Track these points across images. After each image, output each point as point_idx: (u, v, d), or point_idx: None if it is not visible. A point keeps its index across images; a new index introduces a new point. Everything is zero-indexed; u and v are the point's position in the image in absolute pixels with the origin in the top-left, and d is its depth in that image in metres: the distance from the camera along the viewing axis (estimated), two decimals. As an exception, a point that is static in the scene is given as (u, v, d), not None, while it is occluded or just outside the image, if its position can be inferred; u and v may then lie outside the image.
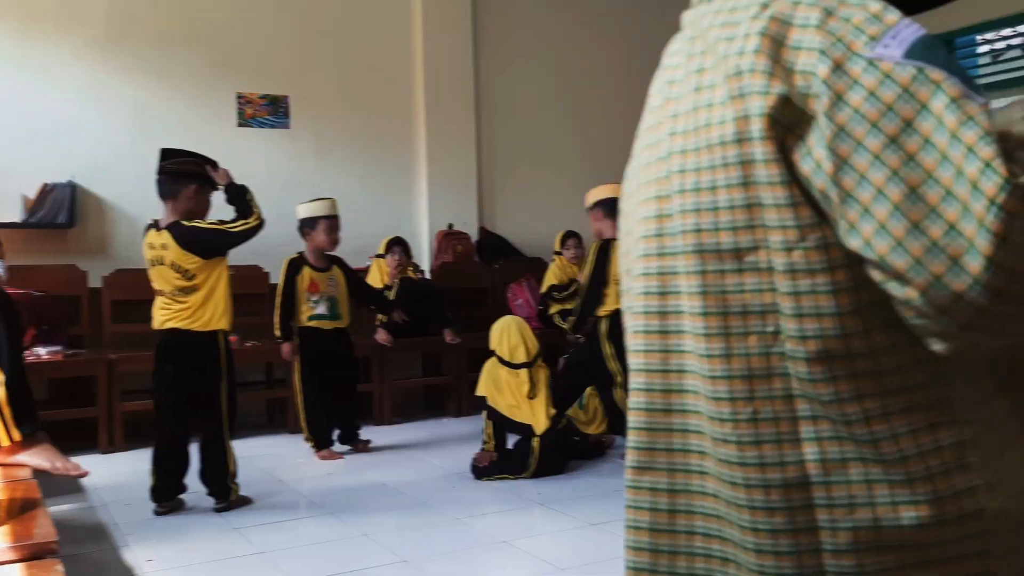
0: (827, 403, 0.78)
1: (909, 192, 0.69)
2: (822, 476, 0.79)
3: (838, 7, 0.76)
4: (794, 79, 0.75)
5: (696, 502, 0.88)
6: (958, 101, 0.69)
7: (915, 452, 0.77)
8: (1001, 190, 0.65)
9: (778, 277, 0.78)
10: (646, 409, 0.91)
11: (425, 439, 5.22)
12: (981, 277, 0.66)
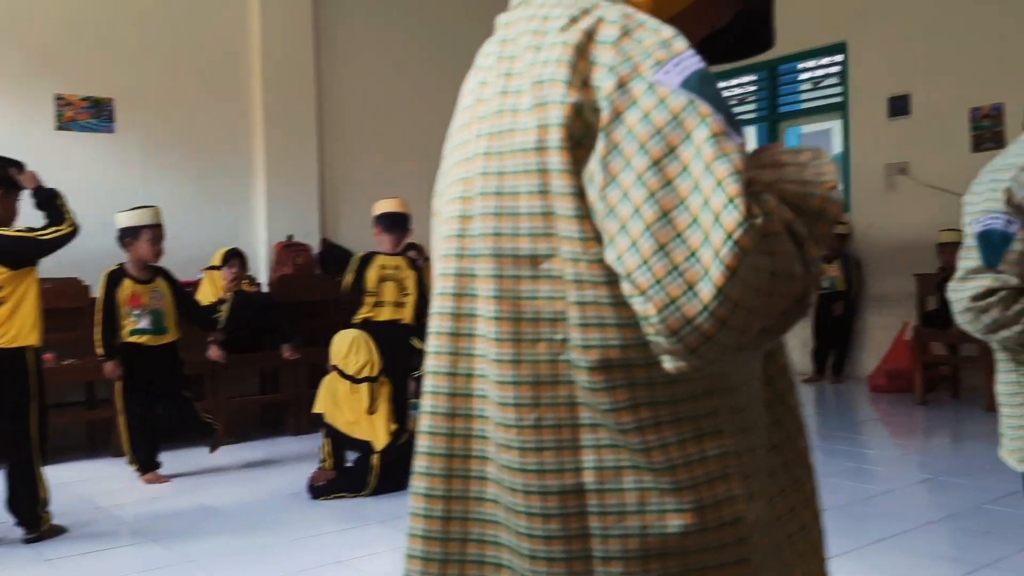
0: (606, 412, 0.80)
1: (662, 215, 0.72)
2: (597, 484, 0.81)
3: (636, 29, 0.78)
4: (588, 93, 0.77)
5: (473, 508, 0.88)
6: (718, 136, 0.72)
7: (683, 461, 0.80)
8: (739, 226, 0.69)
9: (568, 286, 0.80)
10: (430, 412, 0.90)
11: (261, 459, 5.03)
12: (710, 305, 0.70)
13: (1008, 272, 1.45)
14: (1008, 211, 1.44)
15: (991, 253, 1.46)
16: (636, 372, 0.79)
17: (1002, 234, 1.45)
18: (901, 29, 6.99)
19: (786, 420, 0.95)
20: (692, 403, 0.81)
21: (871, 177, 7.26)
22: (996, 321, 1.47)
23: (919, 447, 5.09)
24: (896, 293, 7.04)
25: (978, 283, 1.48)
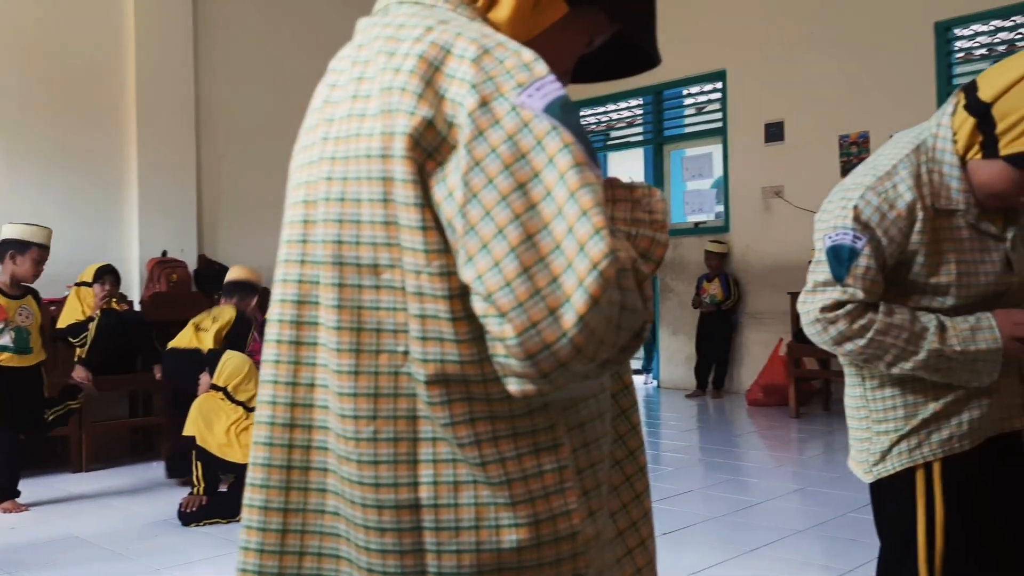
0: (444, 426, 0.80)
1: (527, 238, 0.72)
2: (433, 498, 0.80)
3: (495, 47, 0.78)
4: (444, 105, 0.76)
5: (312, 521, 0.86)
6: (581, 166, 0.73)
7: (519, 475, 0.80)
8: (605, 258, 0.70)
9: (409, 298, 0.79)
10: (268, 423, 0.87)
11: (130, 485, 4.79)
12: (570, 332, 0.70)
13: (855, 286, 1.50)
14: (856, 227, 1.49)
15: (839, 267, 1.51)
16: (473, 387, 0.79)
17: (850, 249, 1.49)
18: (775, 60, 7.31)
19: (629, 437, 0.97)
20: (530, 418, 0.81)
21: (749, 199, 7.54)
22: (842, 333, 1.52)
23: (793, 459, 5.27)
24: (772, 310, 7.32)
25: (827, 295, 1.52)
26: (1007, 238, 1.55)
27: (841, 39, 6.91)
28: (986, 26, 6.43)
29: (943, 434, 1.55)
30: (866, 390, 1.63)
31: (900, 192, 1.50)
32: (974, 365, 1.50)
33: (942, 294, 1.52)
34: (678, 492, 4.40)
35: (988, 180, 1.49)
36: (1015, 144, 1.43)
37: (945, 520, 1.54)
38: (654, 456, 5.50)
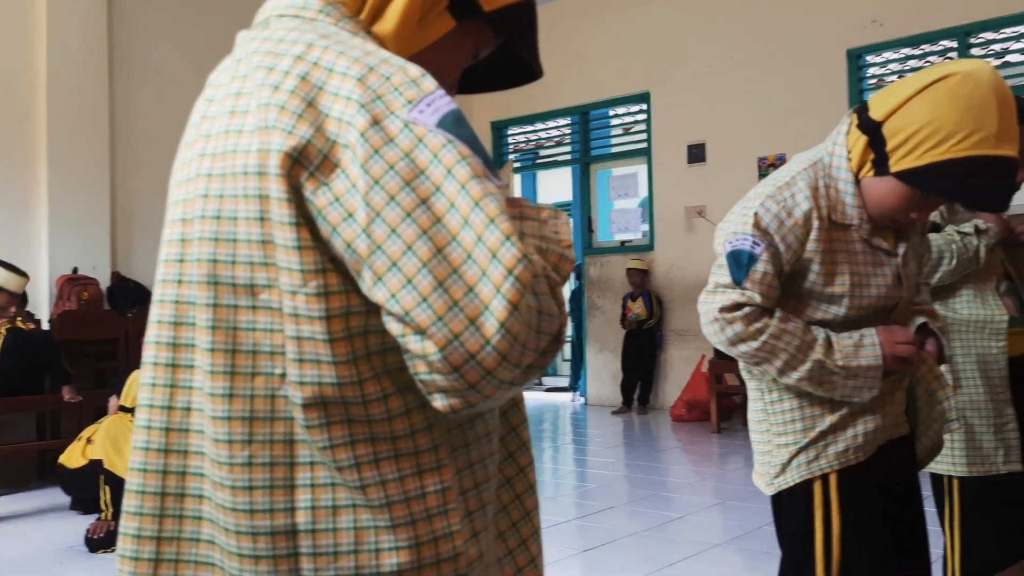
0: (322, 449, 0.78)
1: (436, 251, 0.72)
2: (310, 524, 0.79)
3: (379, 64, 0.77)
4: (326, 124, 0.75)
5: (187, 549, 0.83)
6: (480, 177, 0.74)
7: (401, 498, 0.79)
8: (519, 263, 0.71)
9: (286, 319, 0.78)
10: (143, 448, 0.84)
11: (36, 510, 4.60)
12: (493, 339, 0.71)
13: (753, 290, 1.54)
14: (755, 234, 1.54)
15: (739, 271, 1.55)
16: (353, 409, 0.78)
17: (749, 255, 1.54)
18: (697, 83, 7.48)
19: (519, 454, 0.97)
20: (412, 438, 0.80)
21: (673, 219, 7.67)
22: (738, 334, 1.55)
23: (714, 473, 5.34)
24: (695, 327, 7.40)
25: (727, 297, 1.56)
26: (898, 254, 1.60)
27: (760, 65, 7.11)
28: (896, 54, 6.69)
29: (839, 446, 1.59)
30: (767, 404, 1.66)
31: (798, 201, 1.54)
32: (855, 380, 1.54)
33: (836, 304, 1.56)
34: (601, 509, 4.41)
35: (880, 197, 1.53)
36: (904, 161, 1.47)
37: (842, 529, 1.58)
38: (579, 473, 5.52)
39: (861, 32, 6.67)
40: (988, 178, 1.44)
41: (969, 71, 1.44)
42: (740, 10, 7.26)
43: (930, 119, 1.43)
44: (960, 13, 6.23)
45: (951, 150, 1.42)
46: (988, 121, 1.40)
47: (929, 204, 1.54)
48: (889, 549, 1.61)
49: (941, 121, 1.42)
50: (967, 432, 2.18)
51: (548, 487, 5.16)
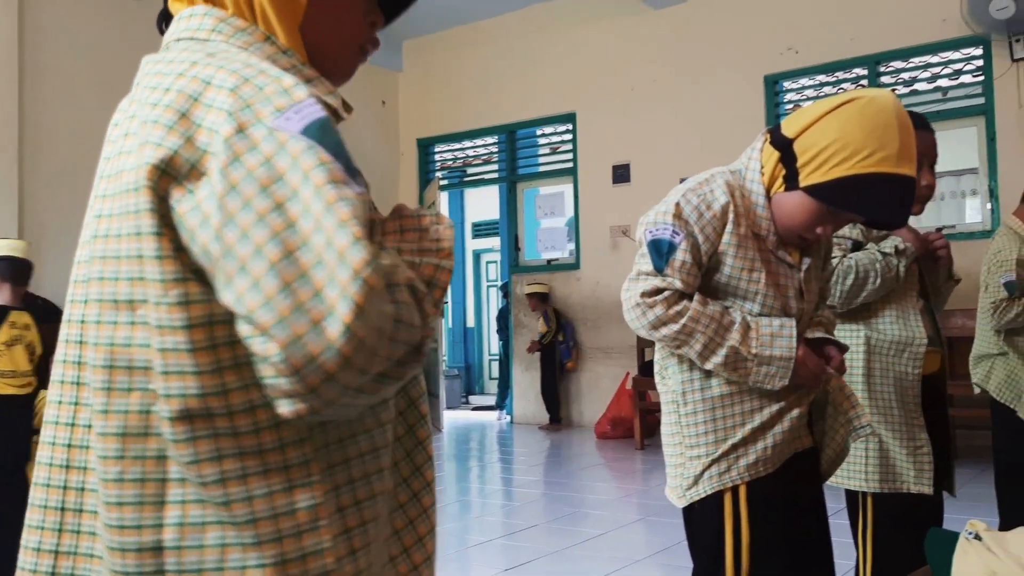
0: (188, 464, 0.78)
1: (287, 254, 0.71)
2: (177, 541, 0.79)
3: (256, 76, 0.78)
4: (198, 134, 0.76)
5: (81, 565, 0.84)
6: (337, 183, 0.73)
7: (268, 514, 0.78)
8: (367, 265, 0.70)
9: (152, 332, 0.78)
10: (47, 464, 0.86)
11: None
12: (336, 342, 0.69)
13: (673, 277, 1.60)
14: (675, 224, 1.61)
15: (659, 259, 1.61)
16: (219, 421, 0.78)
17: (669, 243, 1.60)
18: (621, 104, 7.61)
19: (416, 453, 0.96)
20: (282, 453, 0.80)
21: (598, 238, 7.77)
22: (659, 318, 1.60)
23: (637, 489, 5.39)
24: (621, 345, 7.53)
25: (649, 283, 1.62)
26: (802, 269, 1.68)
27: (682, 88, 7.28)
28: (811, 80, 6.93)
29: (750, 459, 1.63)
30: (680, 417, 1.70)
31: (716, 196, 1.62)
32: (768, 368, 1.60)
33: (750, 300, 1.63)
34: (524, 527, 4.41)
35: (790, 211, 1.60)
36: (813, 176, 1.55)
37: (751, 540, 1.63)
38: (504, 492, 5.51)
39: (778, 59, 6.89)
40: (888, 194, 1.52)
41: (874, 96, 1.54)
42: (663, 35, 7.43)
43: (837, 137, 1.51)
44: (870, 43, 6.49)
45: (855, 166, 1.50)
46: (890, 141, 1.49)
47: (835, 220, 1.61)
48: (796, 559, 1.66)
49: (847, 139, 1.50)
50: (881, 450, 2.25)
51: (474, 506, 5.14)
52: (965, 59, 6.30)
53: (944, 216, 6.91)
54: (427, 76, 8.83)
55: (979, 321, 3.19)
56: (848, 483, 2.28)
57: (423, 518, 0.95)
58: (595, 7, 7.76)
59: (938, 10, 6.17)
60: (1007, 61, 5.94)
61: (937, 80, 6.48)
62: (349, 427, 0.85)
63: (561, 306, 7.96)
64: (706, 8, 7.22)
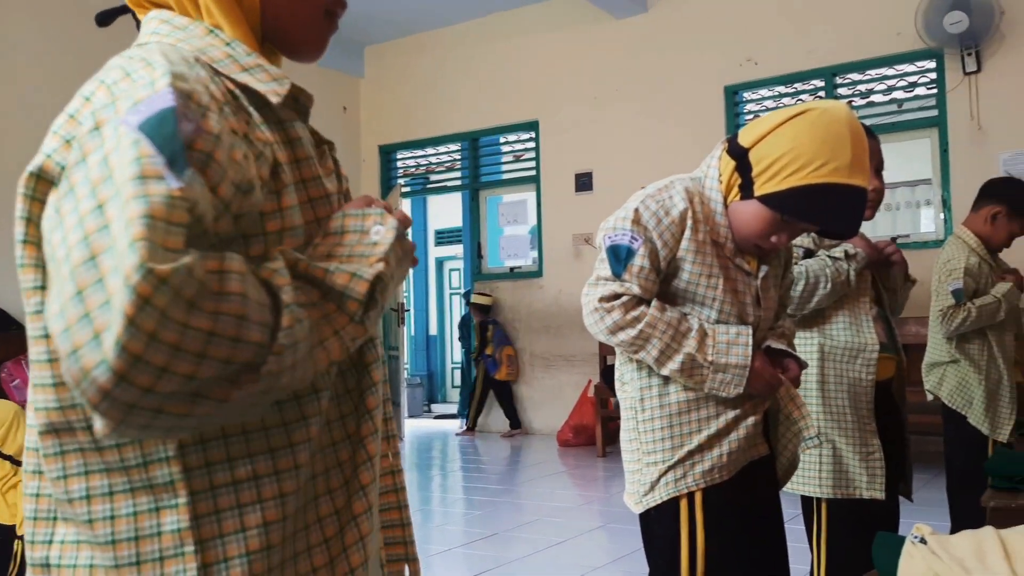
0: (55, 479, 0.76)
1: (90, 258, 0.65)
2: (58, 559, 0.78)
3: (139, 68, 0.74)
4: (78, 134, 0.74)
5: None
6: (147, 178, 0.66)
7: (129, 535, 0.75)
8: (136, 271, 0.61)
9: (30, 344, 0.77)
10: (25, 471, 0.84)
11: None
12: (109, 357, 0.62)
13: (631, 282, 1.61)
14: (634, 229, 1.61)
15: (617, 265, 1.62)
16: (81, 435, 0.75)
17: (627, 249, 1.61)
18: (584, 112, 7.65)
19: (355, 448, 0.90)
20: (144, 470, 0.75)
21: (561, 246, 7.78)
22: (616, 323, 1.61)
23: (599, 497, 5.40)
24: (583, 353, 7.54)
25: (607, 288, 1.62)
26: (759, 276, 1.69)
27: (644, 98, 7.33)
28: (770, 91, 7.02)
29: (705, 465, 1.64)
30: (638, 423, 1.70)
31: (675, 202, 1.63)
32: (723, 375, 1.61)
33: (708, 306, 1.64)
34: (484, 535, 4.39)
35: (745, 220, 1.62)
36: (767, 185, 1.56)
37: (706, 546, 1.63)
38: (465, 501, 5.49)
39: (738, 70, 6.97)
40: (840, 204, 1.54)
41: (828, 108, 1.56)
42: (625, 45, 7.48)
43: (791, 147, 1.53)
44: (827, 55, 6.60)
45: (808, 176, 1.52)
46: (842, 152, 1.51)
47: (789, 229, 1.63)
48: (751, 565, 1.67)
49: (800, 150, 1.52)
50: (834, 456, 2.27)
51: (435, 515, 5.11)
52: (919, 72, 6.43)
53: (899, 226, 7.04)
54: (389, 82, 8.80)
55: (931, 329, 3.25)
56: (802, 489, 2.30)
57: (352, 522, 0.87)
58: (558, 16, 7.80)
59: (893, 24, 6.29)
60: (959, 74, 6.07)
61: (892, 92, 6.60)
62: (246, 445, 0.78)
63: (524, 313, 7.97)
64: (667, 18, 7.29)
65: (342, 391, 0.89)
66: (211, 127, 0.71)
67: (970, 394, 3.10)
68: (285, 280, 0.71)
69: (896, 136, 6.51)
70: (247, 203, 0.74)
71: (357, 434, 0.88)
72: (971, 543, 1.18)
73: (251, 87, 0.82)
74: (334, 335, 0.76)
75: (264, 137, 0.80)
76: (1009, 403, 3.07)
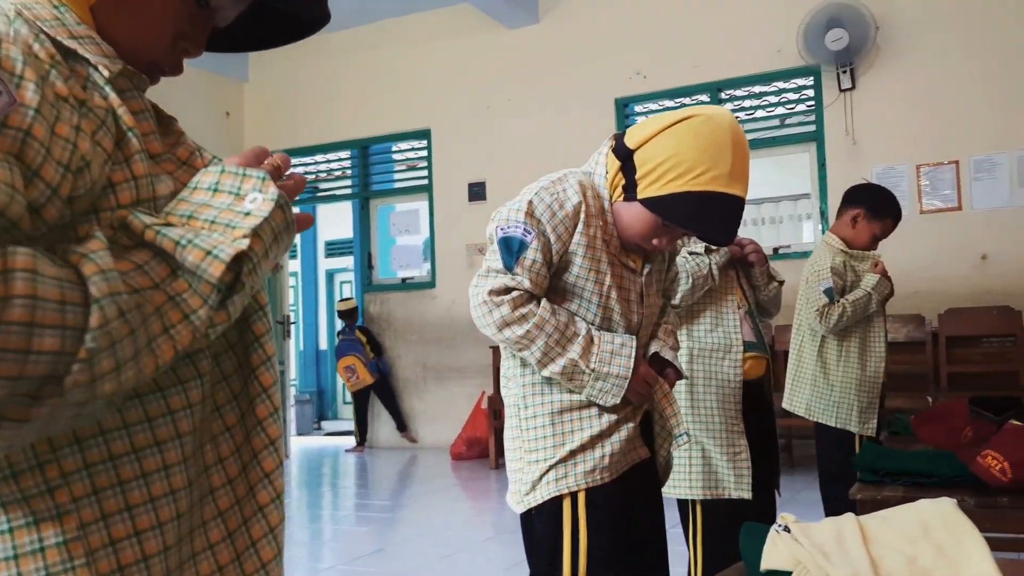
0: None
1: None
2: None
3: None
4: None
5: None
6: None
7: (7, 553, 0.67)
8: None
9: None
10: None
11: None
12: None
13: (522, 276, 1.57)
14: (527, 222, 1.58)
15: (509, 258, 1.59)
16: None
17: (520, 242, 1.58)
18: (477, 122, 7.63)
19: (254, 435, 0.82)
20: (15, 480, 0.67)
21: (454, 256, 7.72)
22: (503, 318, 1.57)
23: (491, 508, 5.33)
24: (477, 364, 7.48)
25: (498, 281, 1.58)
26: (643, 274, 1.68)
27: (536, 108, 7.36)
28: (658, 104, 7.16)
29: (587, 466, 1.62)
30: (521, 421, 1.68)
31: (569, 195, 1.61)
32: (603, 383, 1.59)
33: (594, 303, 1.62)
34: (370, 551, 4.26)
35: (628, 220, 1.61)
36: (649, 189, 1.56)
37: (588, 546, 1.61)
38: (355, 517, 5.33)
39: (627, 83, 7.09)
40: (718, 212, 1.54)
41: (711, 115, 1.56)
42: (517, 55, 7.51)
43: (673, 153, 1.53)
44: (712, 70, 6.77)
45: (688, 183, 1.52)
46: (723, 161, 1.52)
47: (670, 233, 1.62)
48: (632, 566, 1.64)
49: (682, 156, 1.52)
50: (704, 457, 2.28)
51: (322, 532, 4.95)
52: (798, 88, 6.67)
53: (782, 237, 7.27)
54: (274, 87, 8.57)
55: (793, 339, 3.33)
56: (676, 492, 2.30)
57: (258, 518, 0.81)
58: (449, 24, 7.77)
59: (774, 41, 6.51)
60: (835, 91, 6.32)
61: (775, 108, 6.83)
62: (128, 440, 0.72)
63: (417, 325, 7.86)
64: (558, 30, 7.35)
65: (232, 370, 0.81)
66: (27, 99, 0.62)
67: (829, 400, 3.19)
68: (97, 266, 0.61)
69: (778, 150, 6.73)
70: (81, 182, 0.65)
71: (253, 415, 0.81)
72: (832, 529, 1.18)
73: (79, 54, 0.73)
74: (183, 321, 0.67)
75: (102, 103, 0.71)
76: (870, 399, 3.17)
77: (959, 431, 2.45)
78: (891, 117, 6.19)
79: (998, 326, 5.63)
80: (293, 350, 10.40)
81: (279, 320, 7.91)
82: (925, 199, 6.12)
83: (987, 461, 1.90)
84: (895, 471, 2.03)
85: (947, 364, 5.68)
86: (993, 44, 5.93)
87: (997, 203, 5.92)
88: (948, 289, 5.93)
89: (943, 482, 1.95)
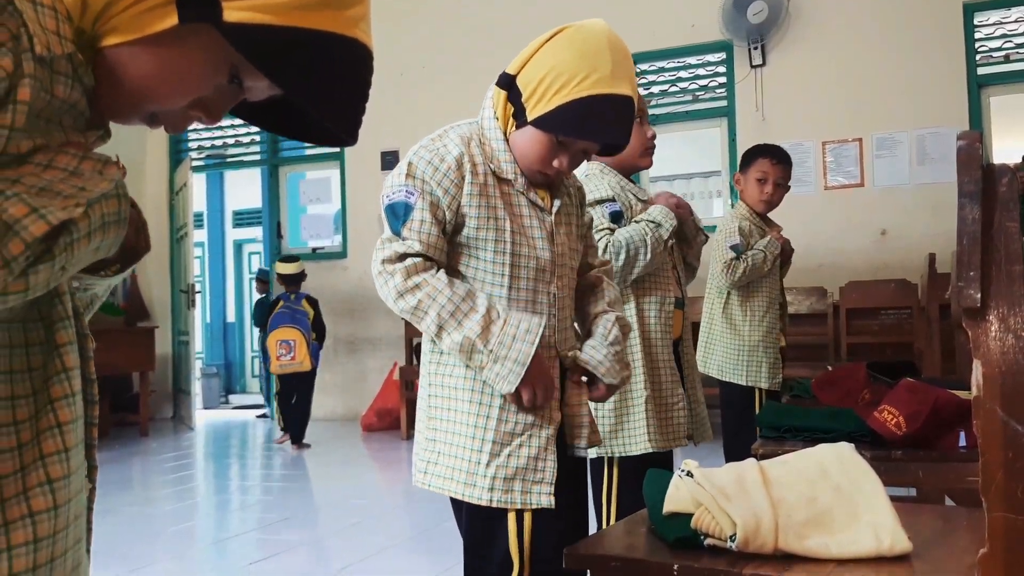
0: None
1: None
2: None
3: None
4: None
5: None
6: None
7: None
8: None
9: None
10: None
11: None
12: None
13: (412, 239, 1.52)
14: (409, 184, 1.55)
15: (396, 222, 1.54)
16: None
17: (404, 204, 1.54)
18: (389, 89, 7.48)
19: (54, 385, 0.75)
20: None
21: (366, 226, 7.59)
22: (397, 288, 1.52)
23: (401, 478, 5.28)
24: (389, 336, 7.40)
25: (390, 248, 1.54)
26: (552, 211, 1.64)
27: (450, 75, 7.27)
28: (574, 76, 7.16)
29: (528, 484, 1.56)
30: (430, 397, 1.63)
31: (449, 149, 1.57)
32: (500, 367, 1.51)
33: (499, 251, 1.56)
34: (277, 520, 4.17)
35: (525, 148, 1.59)
36: (536, 108, 1.53)
37: (531, 546, 1.57)
38: (262, 487, 5.22)
39: (543, 53, 7.06)
40: (607, 113, 1.52)
41: (583, 24, 1.57)
42: (431, 20, 7.39)
43: (552, 67, 1.51)
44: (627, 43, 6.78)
45: (572, 91, 1.50)
46: (602, 64, 1.50)
47: (570, 152, 1.60)
48: (565, 531, 1.60)
49: (561, 67, 1.50)
50: (618, 412, 2.28)
51: (229, 502, 4.83)
52: (711, 64, 6.75)
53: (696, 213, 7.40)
54: (183, 50, 8.26)
55: (704, 304, 3.51)
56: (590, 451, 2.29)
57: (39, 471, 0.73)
58: (364, -11, 7.59)
59: (689, 15, 6.57)
60: (747, 67, 6.43)
61: (688, 83, 6.90)
62: None
63: (328, 296, 7.70)
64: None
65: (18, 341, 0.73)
66: None
67: (739, 360, 3.37)
68: None
69: (691, 126, 6.81)
70: None
71: (46, 394, 0.74)
72: (733, 473, 1.19)
73: None
74: None
75: None
76: (776, 354, 3.38)
77: (857, 393, 2.52)
78: (799, 94, 6.34)
79: (896, 299, 5.85)
80: (199, 322, 10.10)
81: (183, 289, 7.66)
82: (830, 175, 6.30)
83: (883, 416, 1.95)
84: (796, 427, 2.07)
85: (847, 335, 5.87)
86: (898, 25, 6.12)
87: (897, 181, 6.14)
88: (849, 263, 6.13)
89: (842, 437, 1.98)
